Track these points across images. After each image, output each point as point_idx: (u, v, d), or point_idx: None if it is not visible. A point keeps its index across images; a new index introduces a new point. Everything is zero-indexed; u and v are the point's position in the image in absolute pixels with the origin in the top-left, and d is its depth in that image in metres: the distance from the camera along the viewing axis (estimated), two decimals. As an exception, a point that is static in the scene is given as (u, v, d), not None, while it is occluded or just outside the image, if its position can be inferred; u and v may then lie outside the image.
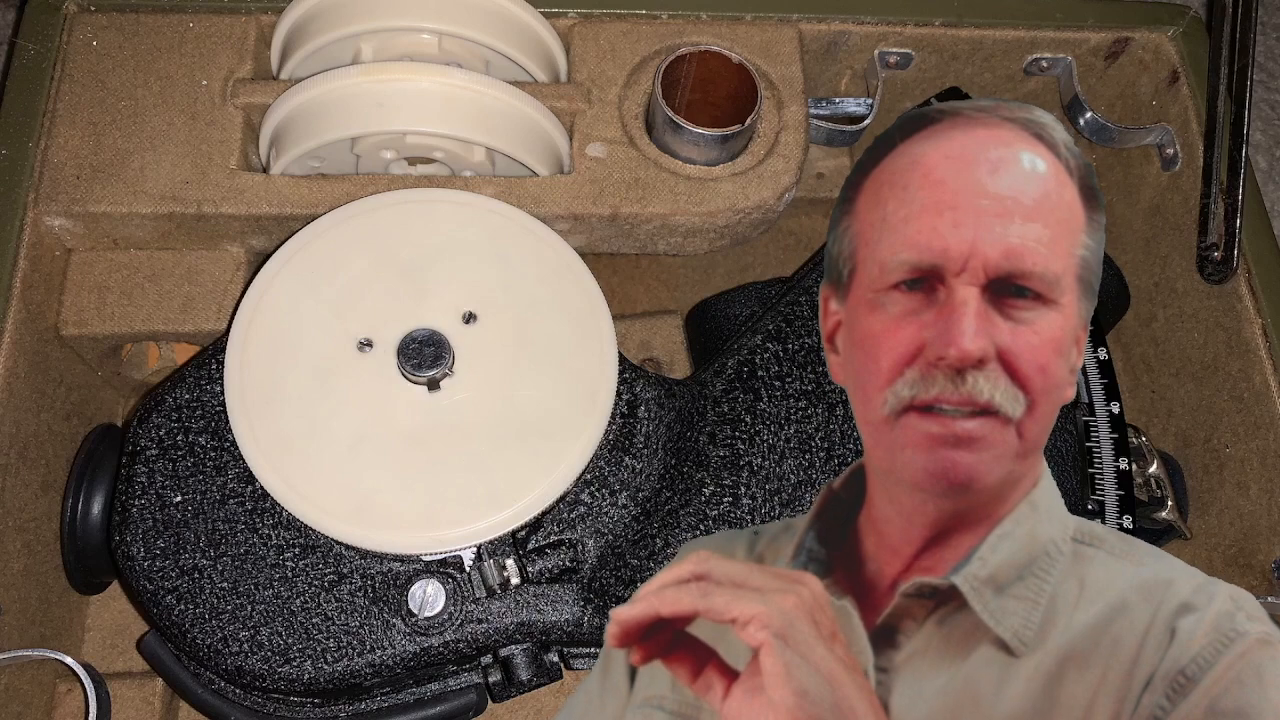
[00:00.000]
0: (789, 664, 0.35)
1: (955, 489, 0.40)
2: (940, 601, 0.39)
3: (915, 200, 0.42)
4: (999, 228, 0.40)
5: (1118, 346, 0.64)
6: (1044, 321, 0.40)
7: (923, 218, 0.41)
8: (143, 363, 0.58)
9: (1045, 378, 0.40)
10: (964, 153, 0.42)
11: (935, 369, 0.40)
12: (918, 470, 0.40)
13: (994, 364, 0.39)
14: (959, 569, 0.39)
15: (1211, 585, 0.38)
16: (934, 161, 0.42)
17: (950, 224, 0.40)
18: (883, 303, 0.41)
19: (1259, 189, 0.56)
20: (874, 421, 0.41)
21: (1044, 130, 0.43)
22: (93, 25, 0.54)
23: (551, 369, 0.47)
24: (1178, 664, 0.36)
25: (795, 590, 0.36)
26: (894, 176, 0.43)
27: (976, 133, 0.42)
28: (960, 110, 0.44)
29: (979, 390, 0.39)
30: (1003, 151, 0.42)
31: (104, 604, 0.56)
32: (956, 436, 0.40)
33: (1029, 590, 0.39)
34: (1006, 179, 0.41)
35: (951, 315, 0.40)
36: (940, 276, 0.40)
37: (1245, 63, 0.54)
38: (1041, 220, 0.40)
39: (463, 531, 0.44)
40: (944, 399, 0.40)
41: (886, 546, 0.41)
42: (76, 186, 0.51)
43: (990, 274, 0.40)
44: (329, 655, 0.43)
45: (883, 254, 0.42)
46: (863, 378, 0.42)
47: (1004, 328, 0.40)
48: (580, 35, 0.57)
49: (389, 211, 0.49)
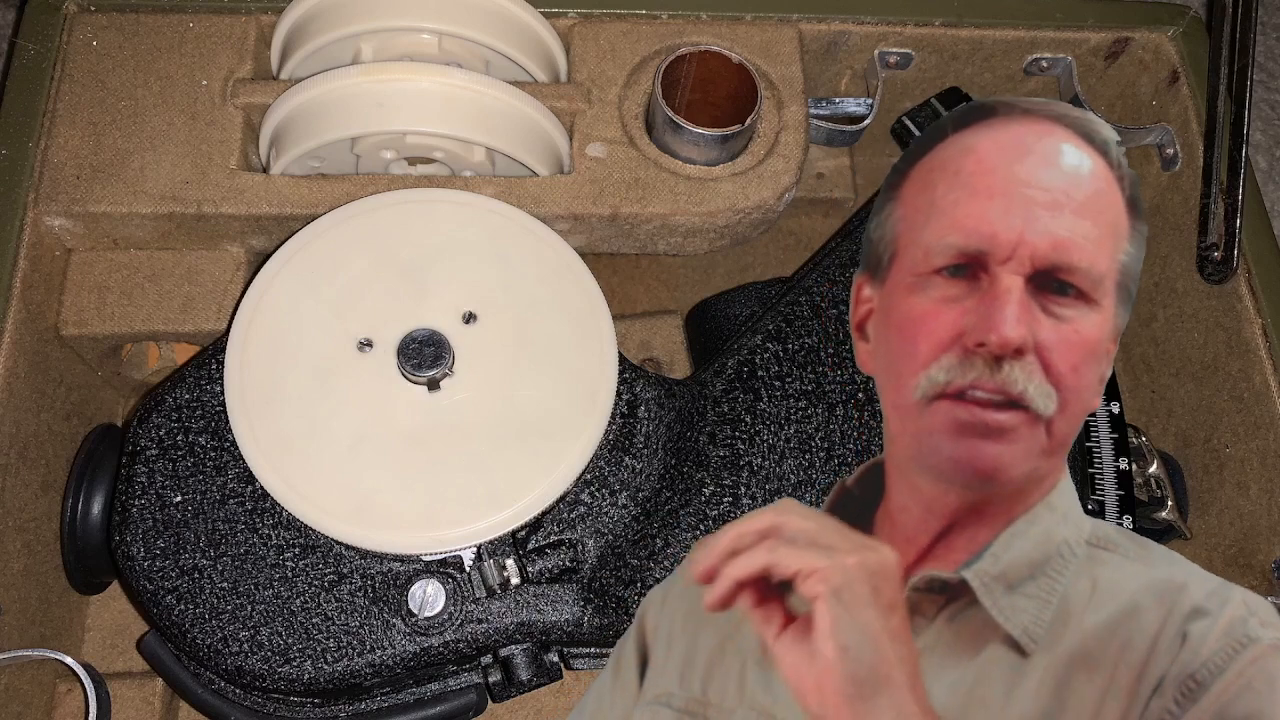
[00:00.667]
0: (837, 619, 0.35)
1: (979, 479, 0.40)
2: (951, 598, 0.39)
3: (966, 185, 0.41)
4: (1049, 219, 0.40)
5: (1118, 346, 0.64)
6: (1084, 321, 0.40)
7: (973, 202, 0.41)
8: (143, 363, 0.58)
9: (1078, 378, 0.40)
10: (1018, 143, 0.42)
11: (974, 355, 0.40)
12: (943, 457, 0.40)
13: (1031, 357, 0.39)
14: (970, 564, 0.39)
15: (1225, 590, 0.38)
16: (987, 149, 0.42)
17: (1000, 210, 0.40)
18: (924, 286, 0.41)
19: (1259, 189, 0.56)
20: (904, 405, 0.41)
21: (1096, 133, 0.43)
22: (93, 25, 0.54)
23: (551, 369, 0.47)
24: (1188, 668, 0.36)
25: (863, 553, 0.37)
26: (945, 163, 0.43)
27: (1031, 126, 0.43)
28: (1016, 104, 0.44)
29: (1013, 380, 0.39)
30: (1056, 146, 0.42)
31: (104, 604, 0.55)
32: (987, 426, 0.39)
33: (1040, 589, 0.39)
34: (1059, 173, 0.41)
35: (995, 302, 0.40)
36: (985, 263, 0.40)
37: (1245, 63, 0.54)
38: (1091, 218, 0.40)
39: (463, 531, 0.44)
40: (980, 385, 0.39)
41: (901, 537, 0.41)
42: (76, 186, 0.51)
43: (1037, 264, 0.40)
44: (329, 655, 0.43)
45: (928, 238, 0.42)
46: (897, 361, 0.42)
47: (1044, 323, 0.40)
48: (580, 35, 0.57)
49: (389, 211, 0.49)
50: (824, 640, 0.35)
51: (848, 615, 0.36)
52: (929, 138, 0.44)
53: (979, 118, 0.43)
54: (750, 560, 0.37)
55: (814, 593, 0.36)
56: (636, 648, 0.43)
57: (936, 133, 0.44)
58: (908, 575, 0.40)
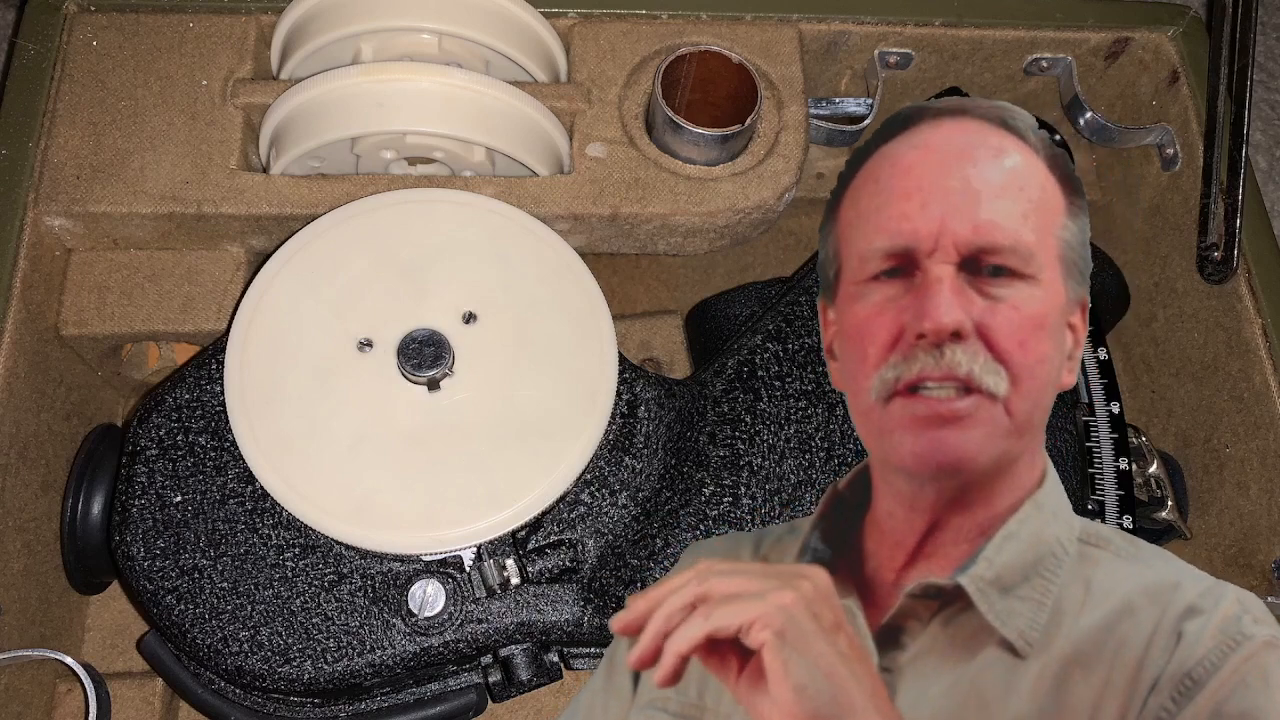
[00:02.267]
0: (786, 661, 0.35)
1: (945, 469, 0.40)
2: (945, 602, 0.39)
3: (885, 190, 0.43)
4: (967, 205, 0.41)
5: (1118, 346, 0.64)
6: (1022, 297, 0.40)
7: (893, 204, 0.42)
8: (143, 363, 0.58)
9: (1025, 353, 0.40)
10: (930, 142, 0.43)
11: (915, 347, 0.40)
12: (907, 453, 0.41)
13: (973, 339, 0.40)
14: (964, 569, 0.39)
15: (1219, 588, 0.38)
16: (902, 153, 0.43)
17: (918, 206, 0.41)
18: (864, 294, 0.42)
19: (1259, 189, 0.56)
20: (865, 410, 0.42)
21: (1009, 119, 0.44)
22: (93, 25, 0.54)
23: (551, 369, 0.47)
24: (1184, 667, 0.36)
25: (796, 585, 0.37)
26: (868, 175, 0.44)
27: (944, 124, 0.44)
28: (928, 108, 0.45)
29: (957, 363, 0.40)
30: (969, 139, 0.43)
31: (104, 604, 0.55)
32: (943, 416, 0.40)
33: (1034, 591, 0.39)
34: (973, 163, 0.42)
35: (926, 292, 0.40)
36: (915, 260, 0.41)
37: (1245, 63, 0.54)
38: (1010, 197, 0.41)
39: (463, 531, 0.44)
40: (926, 375, 0.40)
41: (889, 541, 0.41)
42: (76, 186, 0.51)
43: (962, 251, 0.40)
44: (329, 655, 0.43)
45: (860, 246, 0.43)
46: (853, 369, 0.43)
47: (981, 305, 0.40)
48: (580, 35, 0.57)
49: (389, 211, 0.49)
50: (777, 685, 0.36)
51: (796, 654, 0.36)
52: (859, 156, 0.46)
53: (898, 128, 0.45)
54: (689, 633, 0.37)
55: (759, 641, 0.36)
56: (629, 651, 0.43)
57: (863, 151, 0.46)
58: (900, 576, 0.40)
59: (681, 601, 0.37)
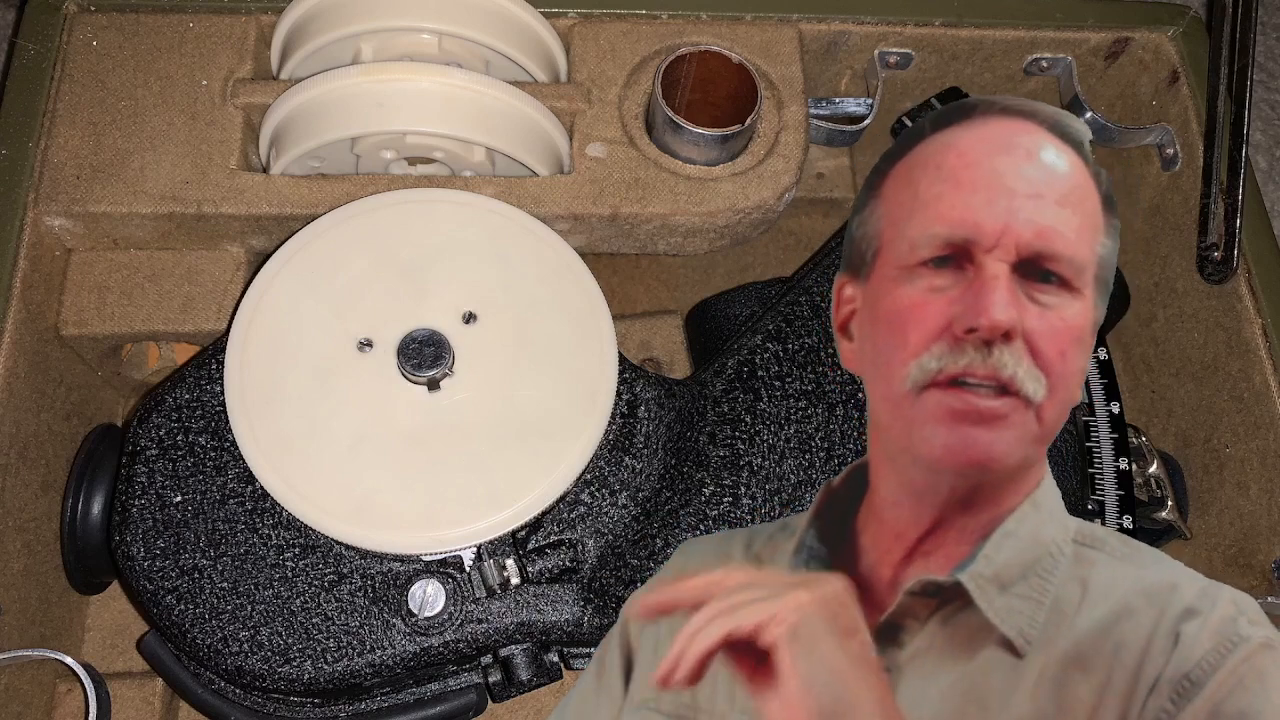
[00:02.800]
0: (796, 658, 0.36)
1: (974, 467, 0.40)
2: (944, 600, 0.39)
3: (949, 178, 0.42)
4: (1032, 208, 0.41)
5: (1118, 346, 0.64)
6: (1068, 309, 0.41)
7: (957, 194, 0.42)
8: (143, 363, 0.58)
9: (1065, 364, 0.41)
10: (997, 138, 0.43)
11: (963, 341, 0.40)
12: (937, 446, 0.40)
13: (1019, 341, 0.40)
14: (964, 567, 0.39)
15: (1214, 589, 0.38)
16: (968, 144, 0.43)
17: (984, 201, 0.41)
18: (911, 278, 0.42)
19: (1259, 189, 0.56)
20: (894, 397, 0.42)
21: (1070, 132, 0.44)
22: (93, 25, 0.54)
23: (551, 369, 0.47)
24: (1182, 668, 0.36)
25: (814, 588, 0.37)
26: (926, 160, 0.44)
27: (1010, 123, 0.44)
28: (994, 102, 0.45)
29: (1004, 364, 0.40)
30: (1035, 141, 0.43)
31: (104, 604, 0.55)
32: (979, 413, 0.40)
33: (1032, 590, 0.39)
34: (1039, 167, 0.42)
35: (983, 288, 0.40)
36: (971, 253, 0.41)
37: (1245, 63, 0.54)
38: (1071, 208, 0.42)
39: (463, 531, 0.44)
40: (972, 371, 0.40)
41: (888, 534, 0.41)
42: (76, 186, 0.51)
43: (1022, 252, 0.40)
44: (329, 655, 0.43)
45: (913, 231, 0.42)
46: (886, 353, 0.42)
47: (1030, 309, 0.41)
48: (580, 35, 0.57)
49: (389, 211, 0.49)
50: (787, 681, 0.36)
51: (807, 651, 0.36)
52: (909, 137, 0.45)
53: (959, 117, 0.45)
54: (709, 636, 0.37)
55: (772, 637, 0.36)
56: (620, 651, 0.43)
57: (916, 132, 0.45)
58: (897, 573, 0.40)
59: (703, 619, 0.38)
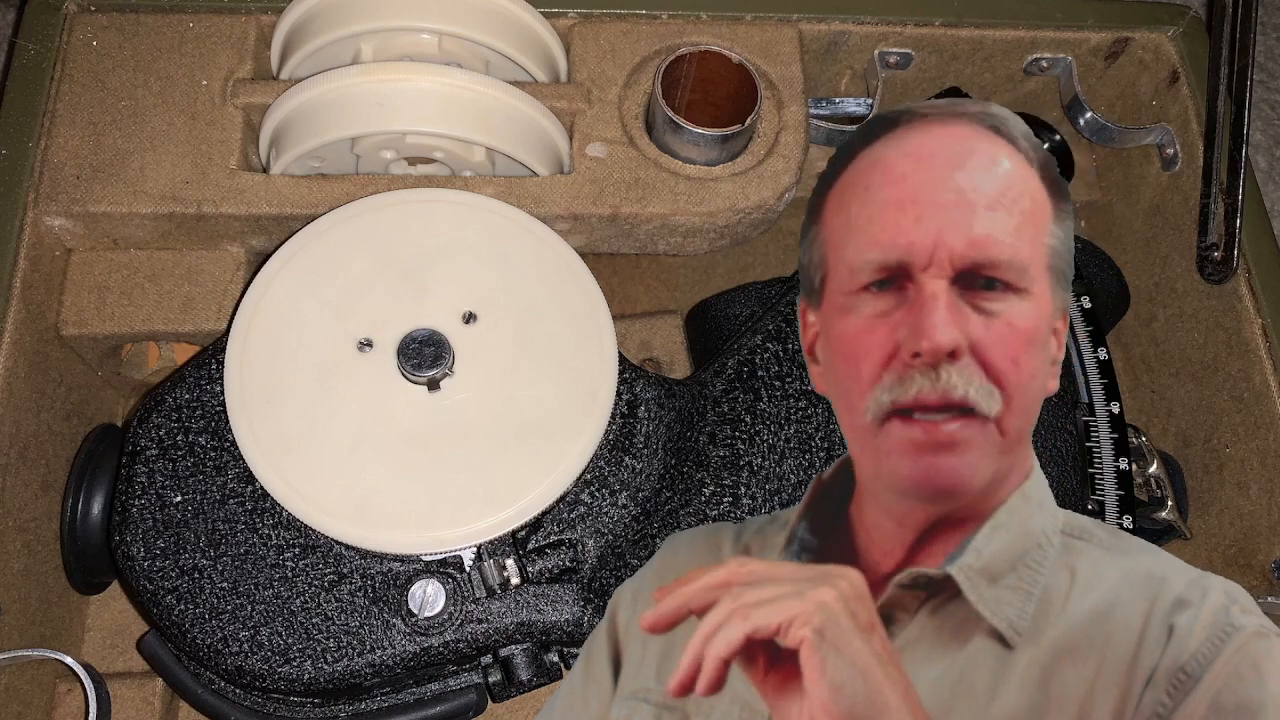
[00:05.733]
0: (825, 659, 0.35)
1: (941, 494, 0.40)
2: (934, 592, 0.39)
3: (877, 199, 0.42)
4: (963, 219, 0.40)
5: (1118, 346, 0.64)
6: (1015, 312, 0.40)
7: (885, 215, 0.41)
8: (143, 363, 0.58)
9: (1018, 370, 0.40)
10: (922, 149, 0.42)
11: (911, 367, 0.40)
12: (903, 478, 0.41)
13: (967, 357, 0.40)
14: (953, 559, 0.39)
15: (1204, 579, 0.38)
16: (893, 160, 0.43)
17: (913, 219, 0.41)
18: (854, 306, 0.42)
19: (1259, 189, 0.56)
20: (858, 428, 0.42)
21: (1002, 124, 0.43)
22: (93, 25, 0.54)
23: (551, 369, 0.47)
24: (1177, 661, 0.36)
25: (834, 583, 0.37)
26: (856, 179, 0.43)
27: (934, 130, 0.43)
28: (917, 110, 0.44)
29: (953, 385, 0.39)
30: (961, 146, 0.42)
31: (104, 604, 0.55)
32: (938, 442, 0.40)
33: (1022, 581, 0.39)
34: (967, 172, 0.41)
35: (922, 309, 0.40)
36: (908, 273, 0.40)
37: (1245, 63, 0.54)
38: (1005, 209, 0.41)
39: (463, 531, 0.44)
40: (923, 399, 0.40)
41: (877, 547, 0.41)
42: (76, 186, 0.51)
43: (957, 266, 0.40)
44: (329, 655, 0.43)
45: (850, 256, 0.42)
46: (844, 385, 0.42)
47: (976, 320, 0.40)
48: (580, 35, 0.57)
49: (389, 211, 0.49)
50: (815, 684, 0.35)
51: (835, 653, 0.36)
52: (840, 157, 0.45)
53: (883, 129, 0.44)
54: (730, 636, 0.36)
55: (798, 639, 0.36)
56: (609, 644, 0.43)
57: (847, 151, 0.45)
58: (890, 567, 0.40)
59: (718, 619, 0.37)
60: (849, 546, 0.42)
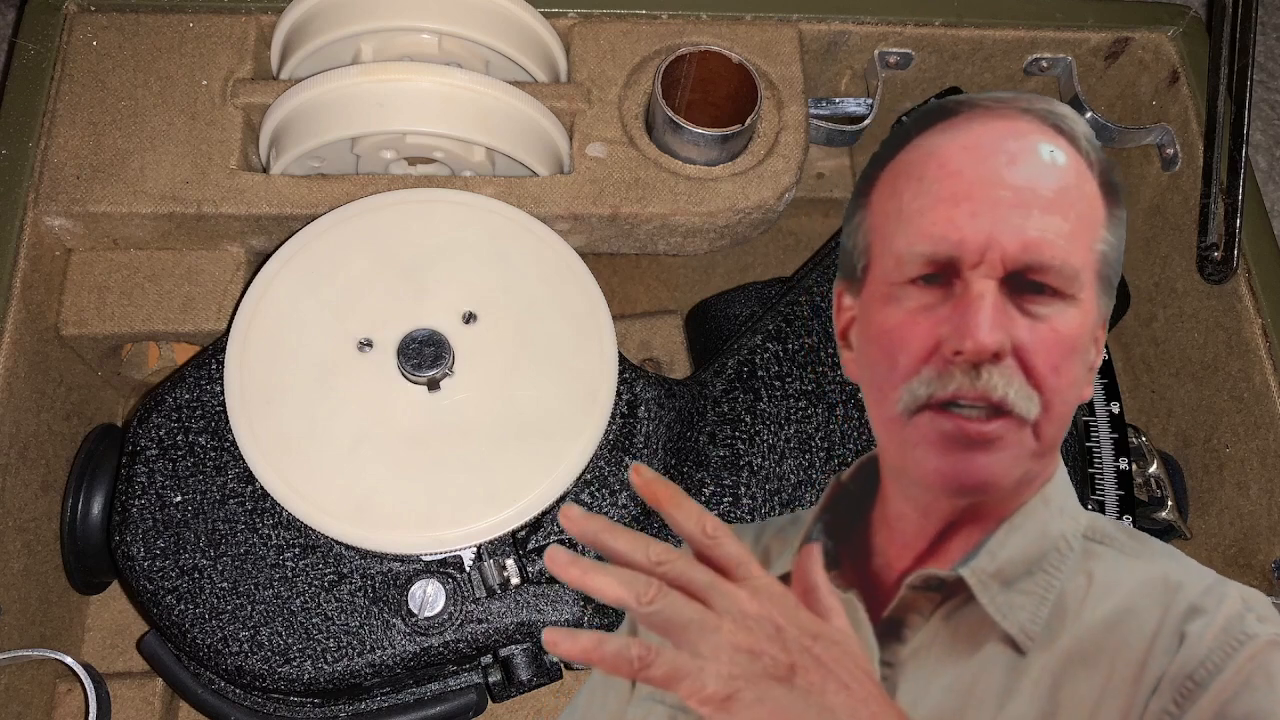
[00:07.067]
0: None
1: (969, 490, 0.39)
2: (947, 595, 0.39)
3: (931, 191, 0.41)
4: (1017, 219, 0.39)
5: (1118, 346, 0.64)
6: (1062, 318, 0.39)
7: (939, 209, 0.40)
8: (143, 363, 0.58)
9: (1059, 378, 0.39)
10: (981, 143, 0.41)
11: (952, 364, 0.39)
12: (930, 470, 0.40)
13: (1010, 360, 0.39)
14: (966, 561, 0.39)
15: (1222, 586, 0.38)
16: (950, 153, 0.41)
17: (967, 214, 0.40)
18: (899, 297, 0.41)
19: (1259, 189, 0.56)
20: (888, 419, 0.41)
21: (1063, 122, 0.42)
22: (93, 25, 0.54)
23: (551, 369, 0.47)
24: (1185, 669, 0.35)
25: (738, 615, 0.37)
26: (910, 168, 0.42)
27: (994, 124, 0.42)
28: (978, 102, 0.43)
29: (993, 386, 0.39)
30: (1021, 142, 0.41)
31: (104, 604, 0.55)
32: (971, 438, 0.39)
33: (1037, 586, 0.38)
34: (1024, 170, 0.40)
35: (968, 308, 0.39)
36: (957, 269, 0.40)
37: (1245, 63, 0.54)
38: (1060, 213, 0.40)
39: (463, 531, 0.44)
40: (961, 395, 0.39)
41: (898, 541, 0.41)
42: (76, 186, 0.51)
43: (1008, 266, 0.39)
44: (329, 655, 0.43)
45: (899, 247, 0.41)
46: (878, 374, 0.41)
47: (1022, 323, 0.39)
48: (580, 35, 0.57)
49: (389, 211, 0.49)
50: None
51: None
52: (893, 142, 0.43)
53: (941, 118, 0.43)
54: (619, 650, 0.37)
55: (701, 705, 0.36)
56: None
57: (900, 136, 0.43)
58: (906, 570, 0.40)
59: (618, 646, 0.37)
60: (865, 547, 0.41)
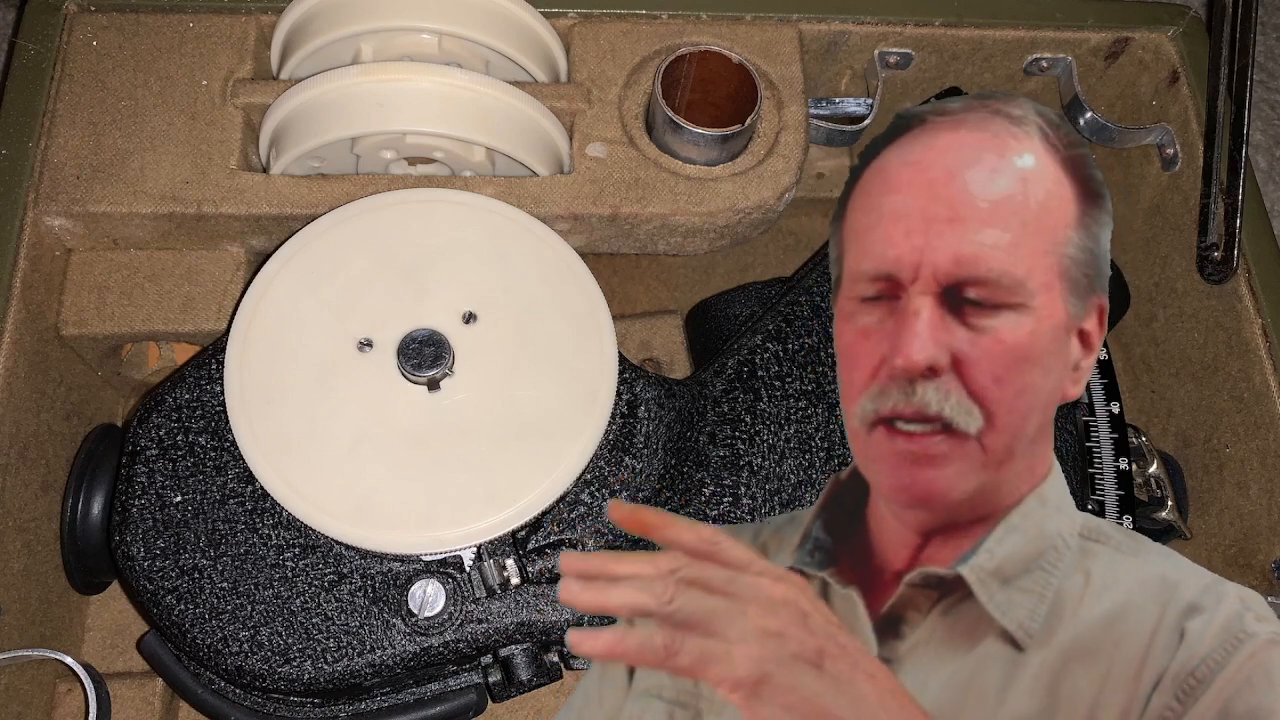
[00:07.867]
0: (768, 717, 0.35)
1: (918, 503, 0.40)
2: (945, 592, 0.39)
3: (876, 209, 0.42)
4: (951, 233, 0.39)
5: (1118, 346, 0.64)
6: (1008, 326, 0.39)
7: (879, 227, 0.41)
8: (143, 363, 0.58)
9: (1002, 388, 0.39)
10: (923, 158, 0.41)
11: (891, 381, 0.40)
12: (884, 484, 0.41)
13: (948, 375, 0.39)
14: (965, 559, 0.39)
15: (1219, 585, 0.38)
16: (894, 170, 0.42)
17: (903, 232, 0.40)
18: (854, 314, 0.42)
19: (1259, 189, 0.56)
20: (852, 432, 0.42)
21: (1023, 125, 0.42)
22: (93, 25, 0.54)
23: (551, 369, 0.47)
24: (1187, 666, 0.36)
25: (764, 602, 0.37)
26: (868, 185, 0.43)
27: (940, 137, 0.42)
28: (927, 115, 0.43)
29: (928, 402, 0.39)
30: (964, 154, 0.41)
31: (104, 604, 0.56)
32: (916, 455, 0.40)
33: (1035, 583, 0.39)
34: (965, 182, 0.40)
35: (904, 324, 0.40)
36: (900, 287, 0.40)
37: (1245, 63, 0.54)
38: (1000, 224, 0.40)
39: (462, 531, 0.44)
40: (899, 411, 0.39)
41: (889, 544, 0.41)
42: (76, 186, 0.51)
43: (942, 282, 0.39)
44: (329, 655, 0.43)
45: (852, 265, 0.42)
46: (841, 389, 0.43)
47: (962, 336, 0.39)
48: (580, 35, 0.57)
49: (389, 211, 0.49)
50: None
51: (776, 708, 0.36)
52: (866, 155, 0.44)
53: (897, 134, 0.43)
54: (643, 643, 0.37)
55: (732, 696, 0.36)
56: None
57: (871, 150, 0.44)
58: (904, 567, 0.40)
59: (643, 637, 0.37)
60: (863, 544, 0.42)
